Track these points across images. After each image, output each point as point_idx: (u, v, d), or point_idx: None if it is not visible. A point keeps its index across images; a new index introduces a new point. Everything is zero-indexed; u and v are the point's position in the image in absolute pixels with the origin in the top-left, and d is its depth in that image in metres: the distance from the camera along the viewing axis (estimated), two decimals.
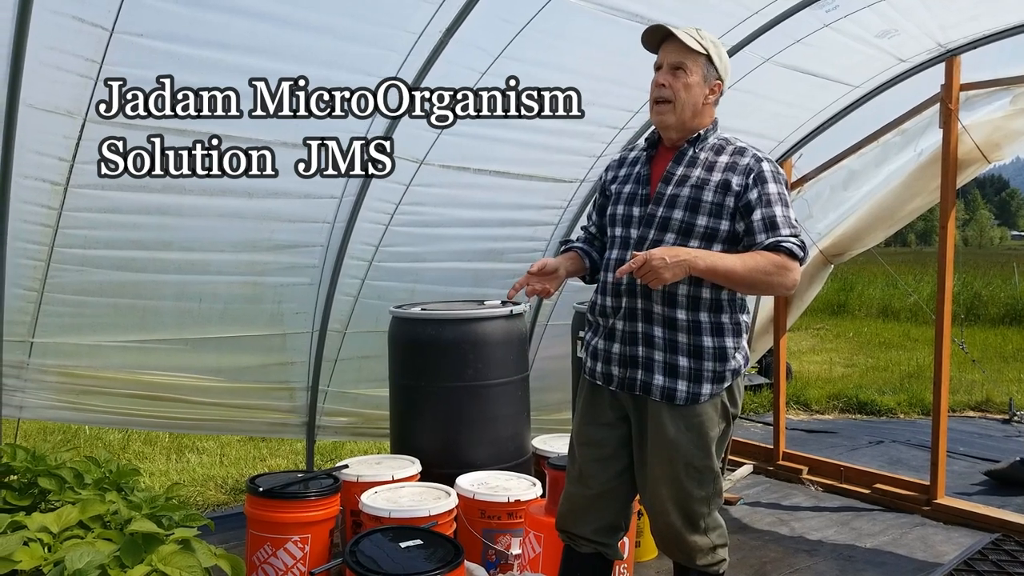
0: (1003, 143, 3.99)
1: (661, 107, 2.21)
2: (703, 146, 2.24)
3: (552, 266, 2.31)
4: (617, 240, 2.29)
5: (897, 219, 4.49)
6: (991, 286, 15.02)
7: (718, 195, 2.16)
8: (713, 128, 2.28)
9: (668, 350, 2.19)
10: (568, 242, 2.53)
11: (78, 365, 3.40)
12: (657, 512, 2.25)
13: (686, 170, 2.22)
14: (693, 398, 2.18)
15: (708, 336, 2.19)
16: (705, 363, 2.19)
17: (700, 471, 2.20)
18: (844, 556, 3.63)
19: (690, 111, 2.22)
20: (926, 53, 4.11)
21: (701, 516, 2.23)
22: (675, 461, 2.19)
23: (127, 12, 2.56)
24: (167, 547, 1.92)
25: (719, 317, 2.21)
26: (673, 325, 2.19)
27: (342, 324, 4.04)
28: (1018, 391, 7.58)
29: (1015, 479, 4.67)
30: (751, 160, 2.18)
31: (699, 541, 2.23)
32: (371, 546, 2.51)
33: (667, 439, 2.18)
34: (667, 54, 2.21)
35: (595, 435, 2.34)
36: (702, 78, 2.21)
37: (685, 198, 2.18)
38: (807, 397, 7.23)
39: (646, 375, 2.21)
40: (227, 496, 4.49)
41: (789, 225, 2.14)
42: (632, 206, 2.27)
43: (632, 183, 2.31)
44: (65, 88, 2.68)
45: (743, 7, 3.50)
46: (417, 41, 3.13)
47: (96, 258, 3.19)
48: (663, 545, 2.31)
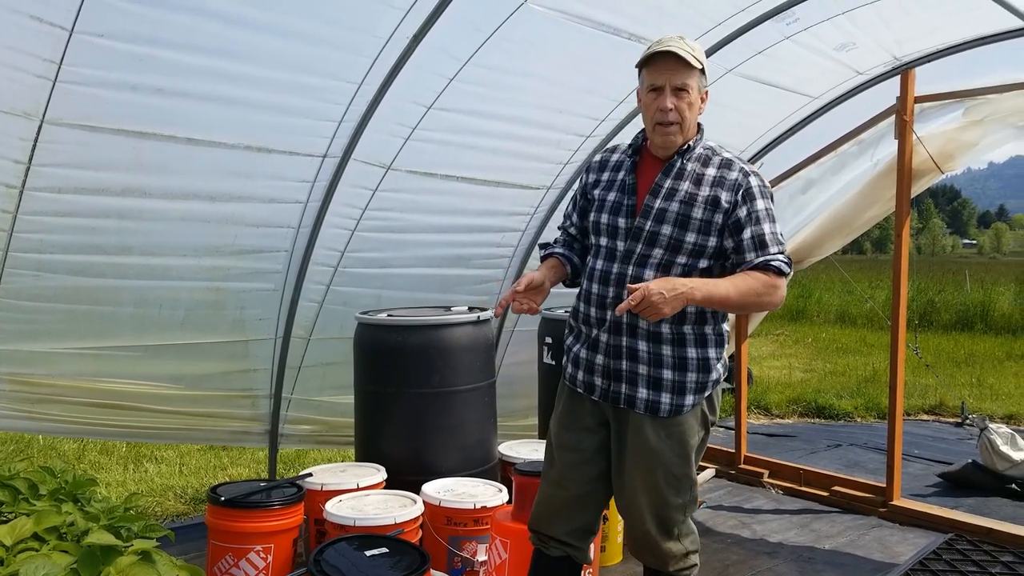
0: (956, 154, 4.11)
1: (670, 129, 2.17)
2: (691, 157, 2.22)
3: (538, 280, 2.28)
4: (603, 250, 2.27)
5: (854, 227, 4.60)
6: (944, 293, 15.41)
7: (707, 212, 2.15)
8: (699, 137, 2.27)
9: (652, 364, 2.19)
10: (547, 245, 2.50)
11: (33, 373, 3.31)
12: (634, 519, 2.26)
13: (674, 183, 2.20)
14: (676, 410, 2.19)
15: (692, 347, 2.20)
16: (689, 374, 2.20)
17: (679, 479, 2.22)
18: (804, 558, 3.69)
19: (691, 128, 2.22)
20: (883, 66, 4.22)
21: (676, 523, 2.25)
22: (655, 470, 2.20)
23: (88, 13, 2.51)
24: (126, 559, 1.88)
25: (702, 328, 2.22)
26: (658, 338, 2.19)
27: (306, 330, 3.99)
28: (970, 395, 7.79)
29: (967, 481, 4.80)
30: (739, 175, 2.17)
31: (673, 548, 2.25)
32: (336, 555, 2.49)
33: (648, 448, 2.20)
34: (668, 74, 2.14)
35: (574, 440, 2.34)
36: (698, 92, 2.20)
37: (674, 214, 2.16)
38: (767, 402, 7.35)
39: (630, 388, 2.21)
40: (187, 506, 4.40)
41: (777, 242, 2.15)
42: (618, 216, 2.24)
43: (617, 191, 2.28)
44: (23, 89, 2.61)
45: (707, 18, 3.56)
46: (385, 46, 3.12)
47: (52, 263, 3.11)
48: (637, 551, 2.33)
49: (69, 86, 2.66)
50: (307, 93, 3.17)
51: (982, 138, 4.03)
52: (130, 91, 2.79)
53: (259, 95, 3.05)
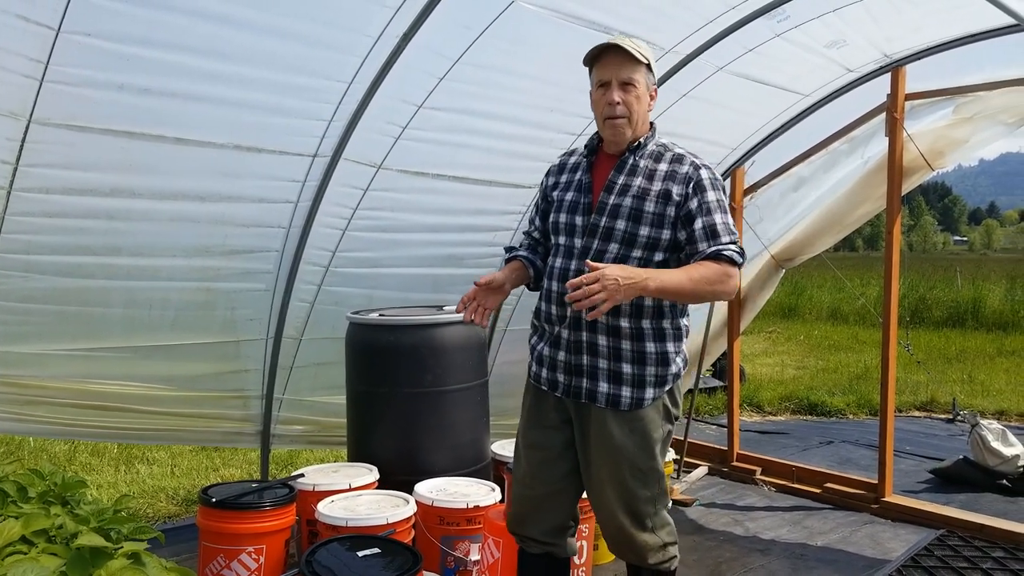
0: (946, 151, 4.13)
1: (618, 123, 2.22)
2: (643, 153, 2.28)
3: (499, 281, 2.34)
4: (561, 249, 2.32)
5: (845, 225, 4.61)
6: (935, 290, 15.48)
7: (659, 205, 2.19)
8: (652, 135, 2.32)
9: (612, 358, 2.23)
10: (512, 248, 2.54)
11: (22, 375, 3.29)
12: (605, 514, 2.29)
13: (627, 179, 2.25)
14: (637, 403, 2.23)
15: (651, 342, 2.24)
16: (648, 368, 2.23)
17: (645, 472, 2.25)
18: (796, 555, 3.70)
19: (642, 123, 2.27)
20: (873, 63, 4.23)
21: (648, 515, 2.27)
22: (620, 464, 2.23)
23: (75, 12, 2.49)
24: (116, 562, 1.87)
25: (660, 323, 2.25)
26: (617, 333, 2.22)
27: (298, 331, 3.98)
28: (961, 391, 7.83)
29: (959, 477, 4.83)
30: (690, 168, 2.22)
31: (648, 540, 2.27)
32: (328, 556, 2.48)
33: (612, 443, 2.23)
34: (614, 69, 2.21)
35: (540, 438, 2.38)
36: (646, 88, 2.26)
37: (627, 208, 2.21)
38: (760, 399, 7.37)
39: (591, 383, 2.25)
40: (179, 508, 4.38)
41: (728, 232, 2.19)
42: (575, 215, 2.29)
43: (574, 191, 2.33)
44: (9, 89, 2.59)
45: (698, 16, 3.56)
46: (375, 45, 3.11)
47: (41, 264, 3.09)
48: (614, 546, 2.35)
49: (56, 86, 2.64)
50: (297, 92, 3.16)
51: (972, 135, 4.05)
52: (118, 91, 2.77)
53: (248, 94, 3.04)
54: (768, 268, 4.97)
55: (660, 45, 3.68)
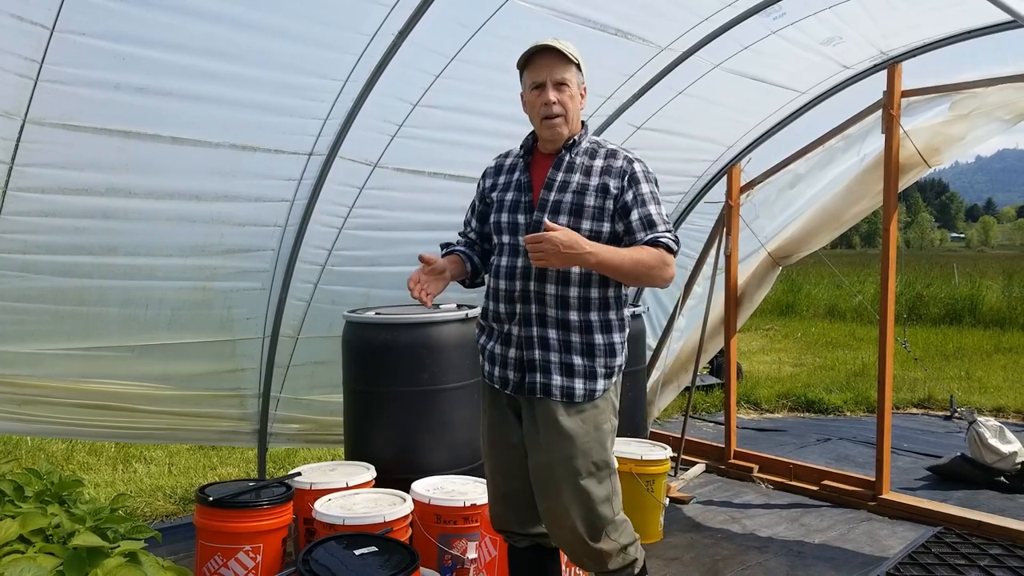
0: (943, 148, 4.13)
1: (555, 121, 2.27)
2: (577, 151, 2.33)
3: (440, 266, 2.34)
4: (506, 247, 2.35)
5: (842, 222, 4.62)
6: (932, 287, 15.49)
7: (598, 199, 2.26)
8: (584, 132, 2.37)
9: (563, 350, 2.26)
10: (448, 245, 2.56)
11: (19, 374, 3.29)
12: (560, 520, 2.26)
13: (565, 176, 2.30)
14: (590, 395, 2.27)
15: (599, 334, 2.28)
16: (597, 359, 2.28)
17: (599, 466, 2.25)
18: (794, 552, 3.71)
19: (575, 121, 2.33)
20: (869, 60, 4.23)
21: (607, 521, 2.25)
22: (575, 456, 2.22)
23: (70, 11, 2.48)
24: (112, 560, 1.87)
25: (607, 315, 2.30)
26: (567, 326, 2.26)
27: (294, 329, 3.98)
28: (959, 388, 7.85)
29: (956, 474, 4.83)
30: (623, 162, 2.29)
31: (605, 547, 2.25)
32: (325, 554, 2.48)
33: (564, 434, 2.23)
34: (547, 70, 2.26)
35: (501, 434, 2.40)
36: (577, 87, 2.31)
37: (568, 204, 2.26)
38: (757, 396, 7.38)
39: (544, 377, 2.26)
40: (176, 506, 4.38)
41: (664, 222, 2.25)
42: (516, 213, 2.33)
43: (513, 191, 2.37)
44: (4, 88, 2.59)
45: (693, 13, 3.56)
46: (370, 43, 3.11)
47: (37, 263, 3.09)
48: (571, 556, 2.33)
49: (51, 85, 2.63)
50: (292, 91, 3.16)
51: (969, 132, 4.05)
52: (113, 90, 2.77)
53: (244, 93, 3.03)
54: (765, 265, 4.98)
55: (656, 43, 3.68)
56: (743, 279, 5.02)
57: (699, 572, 3.48)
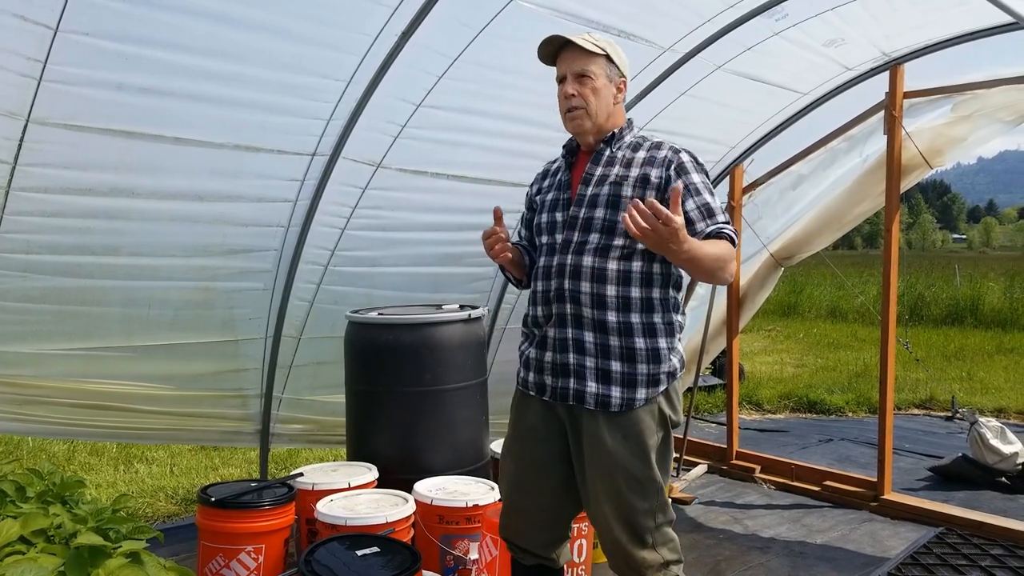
0: (945, 149, 4.13)
1: (575, 114, 2.19)
2: (620, 144, 2.22)
3: (508, 235, 2.24)
4: (544, 247, 2.26)
5: (844, 223, 4.61)
6: (934, 287, 15.49)
7: (637, 190, 2.11)
8: (628, 127, 2.27)
9: (600, 355, 2.12)
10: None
11: (20, 374, 3.29)
12: (602, 529, 2.16)
13: (604, 169, 2.19)
14: (628, 404, 2.10)
15: (640, 337, 2.12)
16: (639, 366, 2.11)
17: (641, 483, 2.10)
18: (796, 552, 3.71)
19: (604, 114, 2.20)
20: (871, 61, 4.23)
21: (648, 530, 2.12)
22: (615, 474, 2.10)
23: (73, 11, 2.48)
24: (114, 561, 1.87)
25: (651, 317, 2.14)
26: (604, 328, 2.12)
27: (297, 330, 3.98)
28: (960, 389, 7.84)
29: (958, 474, 4.83)
30: (669, 152, 2.15)
31: (648, 557, 2.12)
32: (327, 555, 2.48)
33: (604, 451, 2.10)
34: (567, 63, 2.19)
35: (527, 450, 2.28)
36: (607, 79, 2.20)
37: (605, 196, 2.14)
38: (759, 397, 7.37)
39: (578, 383, 2.14)
40: (178, 507, 4.38)
41: (722, 212, 2.10)
42: (556, 212, 2.24)
43: (555, 191, 2.29)
44: (7, 88, 2.59)
45: (696, 14, 3.56)
46: (373, 44, 3.11)
47: (40, 263, 3.09)
48: (612, 563, 2.21)
49: (55, 85, 2.63)
50: (295, 91, 3.15)
51: (971, 133, 4.05)
52: (116, 90, 2.77)
53: (247, 94, 3.03)
54: (767, 266, 4.97)
55: (659, 43, 3.68)
56: (745, 280, 5.02)
57: (701, 572, 3.47)
